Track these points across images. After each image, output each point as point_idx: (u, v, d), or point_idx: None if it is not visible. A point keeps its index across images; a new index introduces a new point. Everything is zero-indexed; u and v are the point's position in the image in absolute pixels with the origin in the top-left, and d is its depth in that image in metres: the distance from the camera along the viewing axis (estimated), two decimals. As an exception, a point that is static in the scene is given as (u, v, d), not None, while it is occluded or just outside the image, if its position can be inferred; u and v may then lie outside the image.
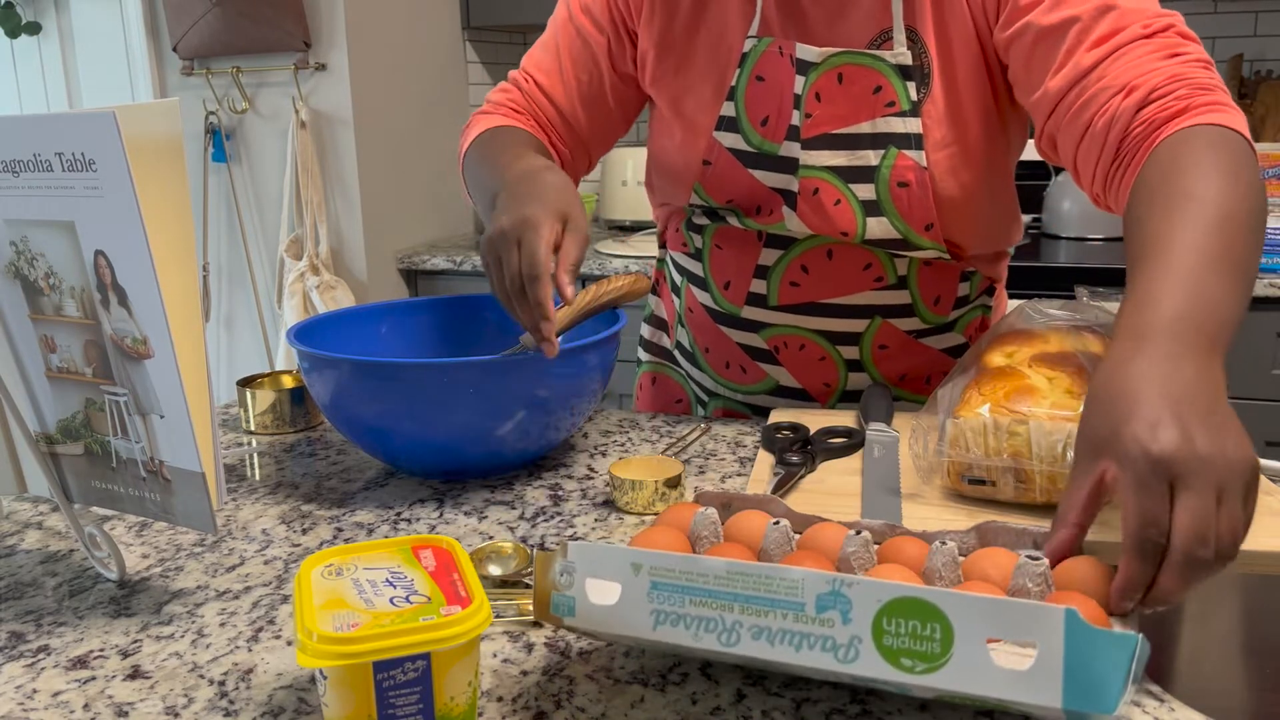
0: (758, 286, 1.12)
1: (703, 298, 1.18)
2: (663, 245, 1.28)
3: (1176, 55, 0.87)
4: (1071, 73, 0.90)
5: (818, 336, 1.12)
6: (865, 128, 1.02)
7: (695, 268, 1.18)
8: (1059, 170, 2.63)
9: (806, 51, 1.02)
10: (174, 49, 2.55)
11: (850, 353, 1.13)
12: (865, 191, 1.04)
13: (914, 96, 1.01)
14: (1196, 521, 0.58)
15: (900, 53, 1.00)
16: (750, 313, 1.14)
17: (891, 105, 1.01)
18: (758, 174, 1.07)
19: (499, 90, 1.20)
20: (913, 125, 1.01)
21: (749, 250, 1.11)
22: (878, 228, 1.05)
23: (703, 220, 1.15)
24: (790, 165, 1.05)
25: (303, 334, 1.01)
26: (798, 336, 1.13)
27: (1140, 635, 0.51)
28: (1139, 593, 0.59)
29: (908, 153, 1.01)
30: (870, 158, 1.03)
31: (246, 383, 1.19)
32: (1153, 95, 0.85)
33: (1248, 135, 0.83)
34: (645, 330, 1.34)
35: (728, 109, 1.06)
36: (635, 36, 1.13)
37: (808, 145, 1.04)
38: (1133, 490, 0.60)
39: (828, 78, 1.02)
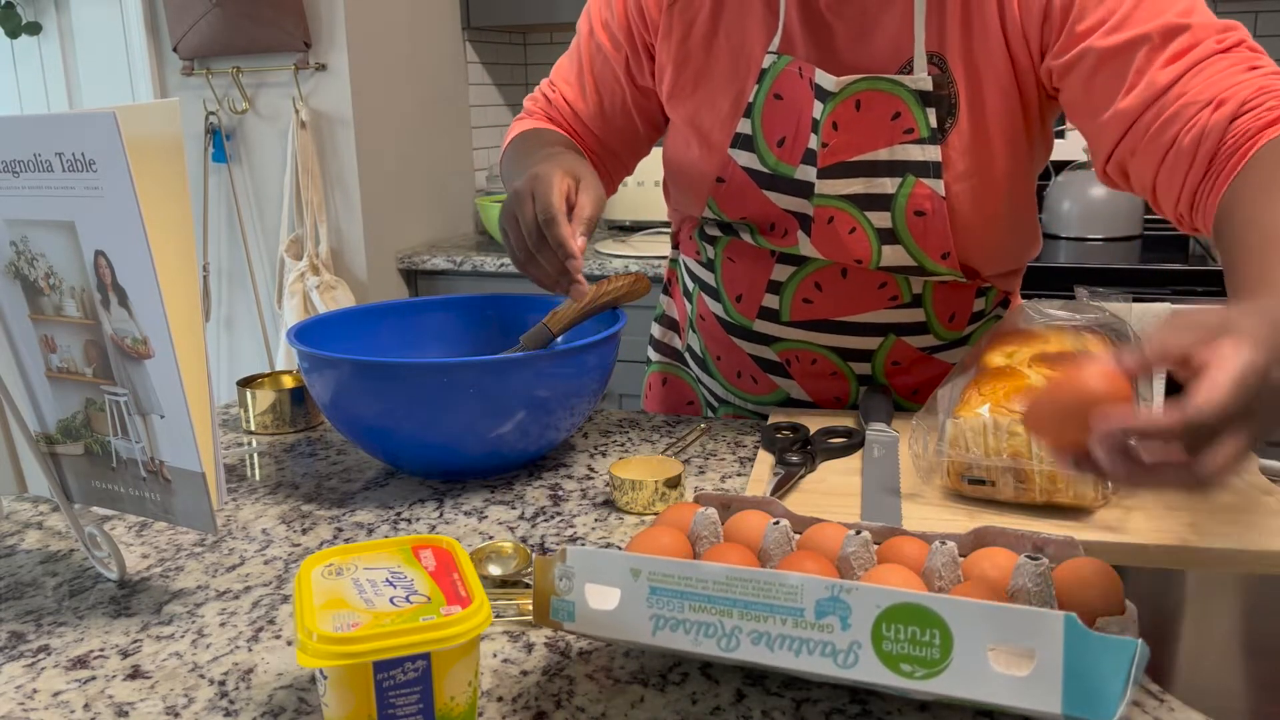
0: (770, 301, 1.11)
1: (714, 308, 1.17)
2: (676, 246, 1.27)
3: (1256, 68, 0.86)
4: (1146, 91, 0.88)
5: (830, 352, 1.11)
6: (883, 154, 1.00)
7: (708, 277, 1.17)
8: (1059, 170, 2.62)
9: (825, 79, 0.99)
10: (174, 49, 2.55)
11: (863, 369, 1.12)
12: (881, 220, 1.02)
13: (933, 124, 0.98)
14: (1222, 461, 0.55)
15: (921, 78, 0.97)
16: (762, 326, 1.13)
17: (910, 132, 0.99)
18: (772, 195, 1.05)
19: (531, 99, 1.22)
20: (931, 153, 0.99)
21: (762, 265, 1.10)
22: (892, 255, 1.03)
23: (715, 232, 1.14)
24: (805, 189, 1.03)
25: (303, 334, 1.01)
26: (810, 351, 1.12)
27: (1140, 641, 0.51)
28: (1125, 432, 0.56)
29: (926, 181, 0.99)
30: (887, 185, 1.00)
31: (246, 383, 1.19)
32: (1244, 108, 0.83)
33: None
34: (656, 330, 1.33)
35: (744, 126, 1.04)
36: (654, 51, 1.11)
37: (824, 174, 1.01)
38: (1225, 384, 0.55)
39: (845, 105, 0.99)
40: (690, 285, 1.23)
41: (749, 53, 1.04)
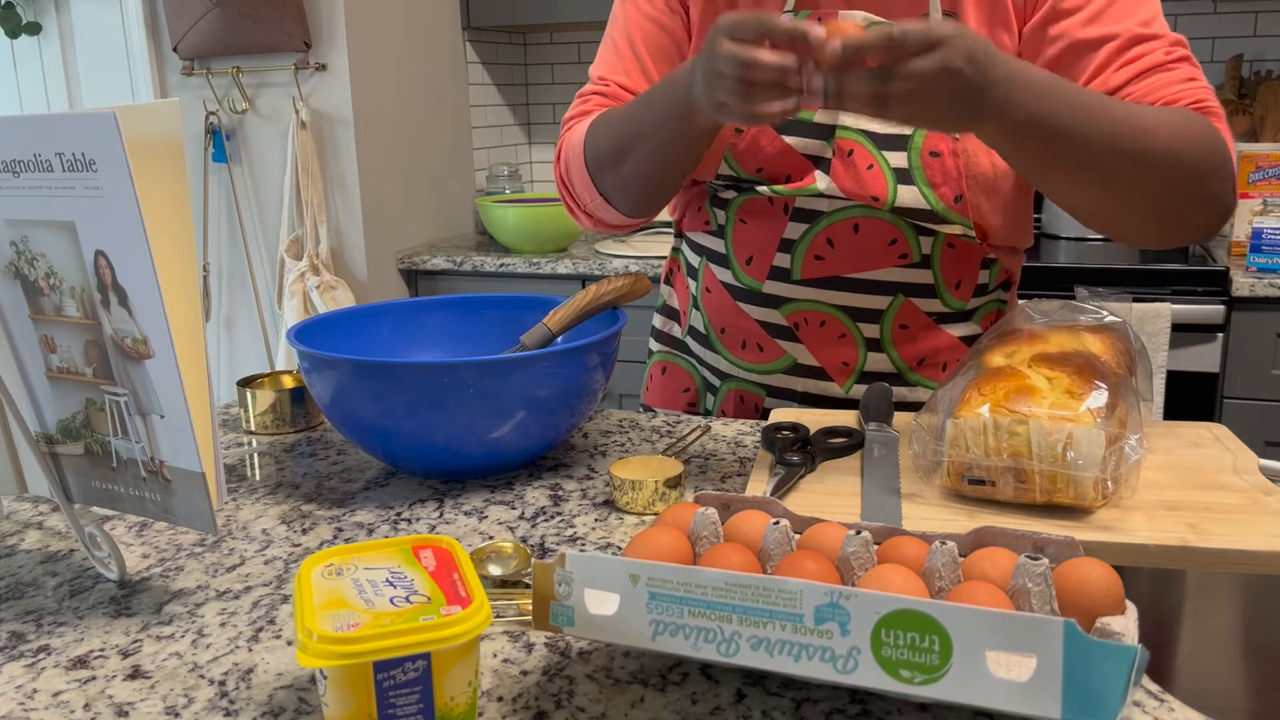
0: (781, 260, 1.13)
1: (722, 275, 1.19)
2: (678, 234, 1.29)
3: (1193, 80, 0.99)
4: (1100, 88, 0.98)
5: (839, 312, 1.13)
6: None
7: (716, 245, 1.19)
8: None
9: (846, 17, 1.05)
10: (174, 49, 2.55)
11: (871, 331, 1.14)
12: (898, 159, 1.07)
13: None
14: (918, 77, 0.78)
15: None
16: (772, 287, 1.15)
17: None
18: (790, 139, 1.09)
19: (582, 100, 1.17)
20: None
21: (774, 224, 1.13)
22: (908, 196, 1.07)
23: (728, 194, 1.16)
24: (824, 131, 1.08)
25: (303, 334, 1.01)
26: (819, 312, 1.13)
27: (1140, 646, 0.51)
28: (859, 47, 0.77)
29: None
30: (904, 126, 1.05)
31: (246, 383, 1.19)
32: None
33: (1229, 145, 0.96)
34: (657, 320, 1.35)
35: None
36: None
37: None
38: (921, 25, 0.77)
39: None
40: (695, 262, 1.24)
41: (768, 7, 1.11)
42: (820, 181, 1.09)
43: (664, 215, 2.74)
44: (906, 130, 1.06)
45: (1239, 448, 0.95)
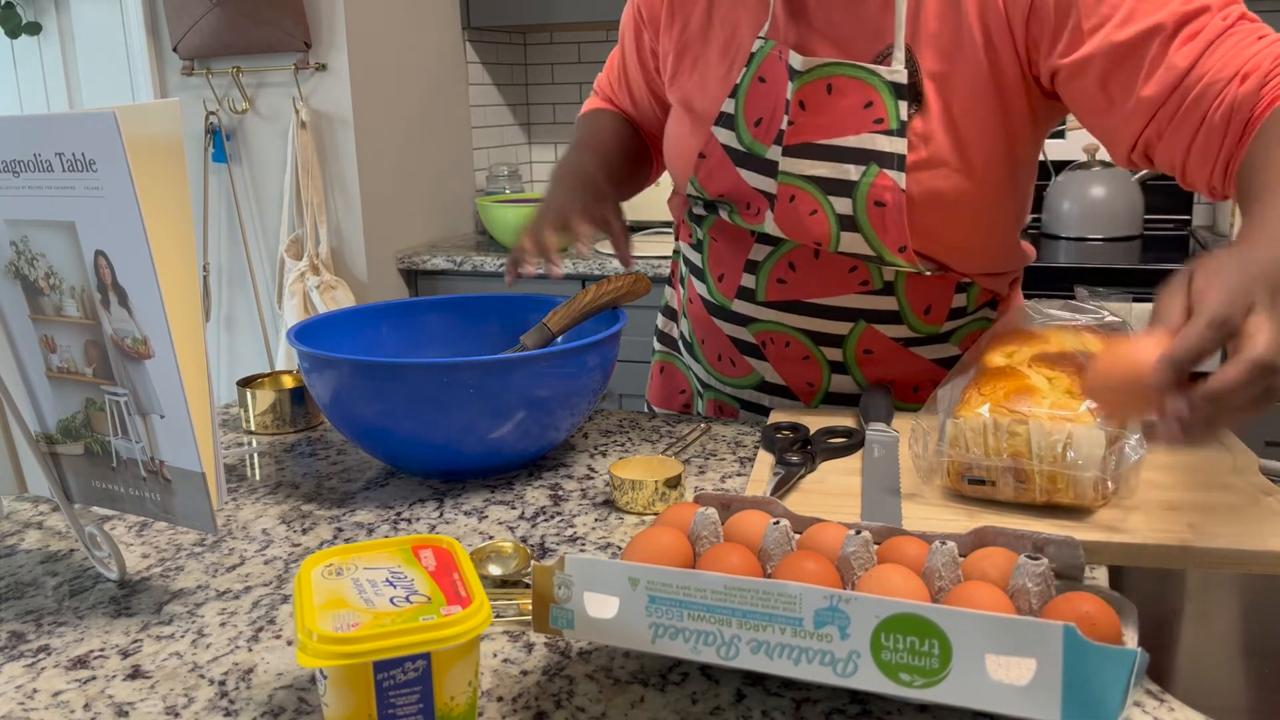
0: (747, 281, 1.13)
1: (700, 289, 1.19)
2: (677, 237, 1.30)
3: (1263, 38, 0.90)
4: (1166, 76, 0.90)
5: (802, 335, 1.12)
6: (850, 141, 1.01)
7: (696, 259, 1.20)
8: (1059, 170, 2.62)
9: (795, 59, 1.02)
10: (174, 49, 2.55)
11: (834, 354, 1.12)
12: (843, 206, 1.02)
13: (904, 116, 0.99)
14: None
15: (897, 70, 0.98)
16: (739, 306, 1.14)
17: (880, 122, 1.00)
18: (744, 173, 1.08)
19: (597, 81, 1.35)
20: (898, 145, 0.99)
21: (741, 244, 1.12)
22: (851, 242, 1.03)
23: (701, 211, 1.17)
24: (773, 169, 1.05)
25: (303, 334, 1.01)
26: (783, 334, 1.13)
27: (1139, 650, 0.51)
28: (1184, 360, 0.61)
29: (889, 172, 0.99)
30: (851, 172, 1.01)
31: (246, 383, 1.19)
32: (1270, 77, 0.86)
33: None
34: (659, 320, 1.36)
35: (728, 106, 1.08)
36: (655, 43, 1.19)
37: (788, 152, 1.03)
38: (1226, 286, 0.63)
39: (814, 87, 1.02)
40: (684, 270, 1.25)
41: (740, 40, 1.09)
42: (767, 224, 1.07)
43: (663, 215, 2.74)
44: (853, 176, 1.01)
45: (1239, 448, 0.95)
